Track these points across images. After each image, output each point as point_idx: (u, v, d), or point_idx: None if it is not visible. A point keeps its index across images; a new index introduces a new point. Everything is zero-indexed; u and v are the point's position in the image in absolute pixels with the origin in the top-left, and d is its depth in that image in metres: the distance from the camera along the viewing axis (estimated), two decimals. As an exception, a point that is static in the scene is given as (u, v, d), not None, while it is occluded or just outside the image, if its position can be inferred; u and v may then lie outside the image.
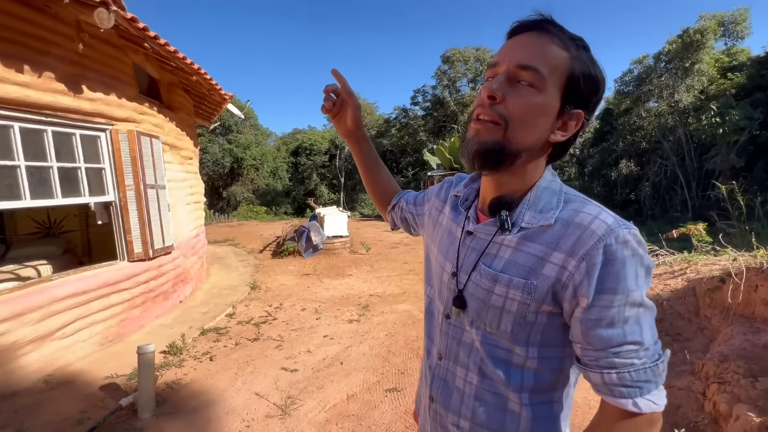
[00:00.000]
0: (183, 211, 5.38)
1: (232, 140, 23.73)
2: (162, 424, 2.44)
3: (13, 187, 3.05)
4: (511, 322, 0.65)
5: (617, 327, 0.58)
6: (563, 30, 0.64)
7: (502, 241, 0.68)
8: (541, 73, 0.60)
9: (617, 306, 0.57)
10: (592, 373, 0.61)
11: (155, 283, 4.30)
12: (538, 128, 0.63)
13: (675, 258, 4.97)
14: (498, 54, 0.65)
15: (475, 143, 0.64)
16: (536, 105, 0.62)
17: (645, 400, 0.58)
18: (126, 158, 3.92)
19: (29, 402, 2.67)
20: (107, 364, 3.21)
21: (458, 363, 0.74)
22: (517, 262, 0.65)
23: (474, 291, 0.70)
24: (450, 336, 0.75)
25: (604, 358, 0.59)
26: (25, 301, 2.96)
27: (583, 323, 0.60)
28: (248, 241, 9.78)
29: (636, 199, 17.87)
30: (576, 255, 0.59)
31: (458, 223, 0.79)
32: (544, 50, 0.61)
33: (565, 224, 0.62)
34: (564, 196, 0.67)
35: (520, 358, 0.67)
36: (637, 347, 0.58)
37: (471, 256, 0.72)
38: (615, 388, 0.59)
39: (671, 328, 3.45)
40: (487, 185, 0.73)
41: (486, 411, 0.70)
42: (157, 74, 4.98)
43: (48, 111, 3.18)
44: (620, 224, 0.60)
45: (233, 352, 3.51)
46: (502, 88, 0.62)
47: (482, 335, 0.69)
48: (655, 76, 16.27)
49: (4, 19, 2.84)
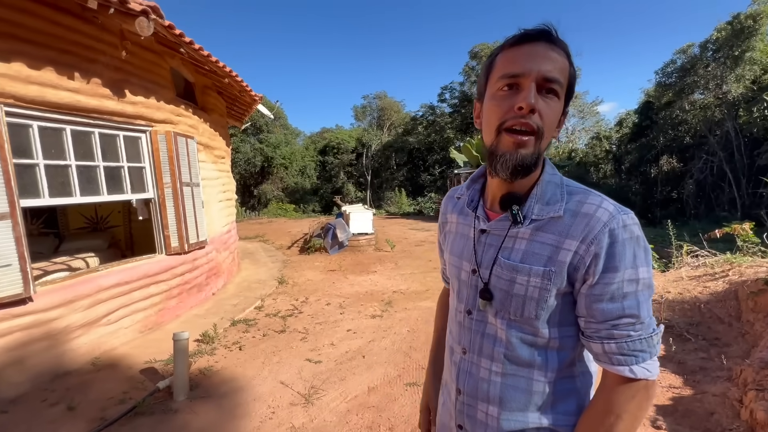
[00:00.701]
0: (215, 208, 5.65)
1: (263, 140, 24.46)
2: (195, 407, 2.60)
3: (65, 184, 3.33)
4: (534, 307, 0.70)
5: (617, 302, 0.66)
6: (562, 41, 0.69)
7: (516, 234, 0.74)
8: (562, 83, 0.67)
9: (617, 282, 0.65)
10: (594, 344, 0.69)
11: (190, 275, 4.55)
12: (554, 132, 0.71)
13: (717, 259, 4.69)
14: (515, 64, 0.67)
15: (519, 158, 0.68)
16: (558, 112, 0.69)
17: (640, 368, 0.65)
18: (164, 158, 4.17)
19: (78, 381, 2.92)
20: (147, 349, 3.45)
21: (482, 355, 0.78)
22: (534, 252, 0.71)
23: (497, 283, 0.75)
24: (473, 330, 0.80)
25: (604, 329, 0.67)
26: (76, 289, 3.23)
27: (587, 298, 0.68)
28: (277, 238, 10.09)
29: (678, 198, 16.90)
30: (586, 240, 0.66)
31: (469, 224, 0.84)
32: (560, 62, 0.67)
33: (573, 214, 0.69)
34: (566, 188, 0.74)
35: (543, 340, 0.73)
36: (634, 320, 0.65)
37: (489, 252, 0.77)
38: (614, 356, 0.67)
39: (709, 332, 3.28)
40: (497, 184, 0.77)
41: (513, 394, 0.75)
42: (192, 78, 5.25)
43: (95, 114, 3.44)
44: (620, 210, 0.67)
45: (261, 342, 3.67)
46: (537, 100, 0.66)
47: (507, 324, 0.74)
48: (701, 66, 15.26)
49: (58, 31, 3.09)
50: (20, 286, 2.80)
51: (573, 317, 0.72)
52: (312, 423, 2.41)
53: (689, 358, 2.97)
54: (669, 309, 3.81)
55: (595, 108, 24.09)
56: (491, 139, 0.70)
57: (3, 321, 2.73)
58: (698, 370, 2.78)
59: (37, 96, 2.95)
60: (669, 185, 17.48)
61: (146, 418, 2.48)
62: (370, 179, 25.69)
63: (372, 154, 25.69)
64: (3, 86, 2.73)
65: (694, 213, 15.50)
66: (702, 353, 3.02)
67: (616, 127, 22.01)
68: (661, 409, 2.38)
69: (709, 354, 2.98)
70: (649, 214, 17.01)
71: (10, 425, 2.41)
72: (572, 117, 24.17)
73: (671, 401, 2.45)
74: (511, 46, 0.69)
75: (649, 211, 17.50)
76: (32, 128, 3.03)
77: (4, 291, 2.71)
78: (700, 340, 3.21)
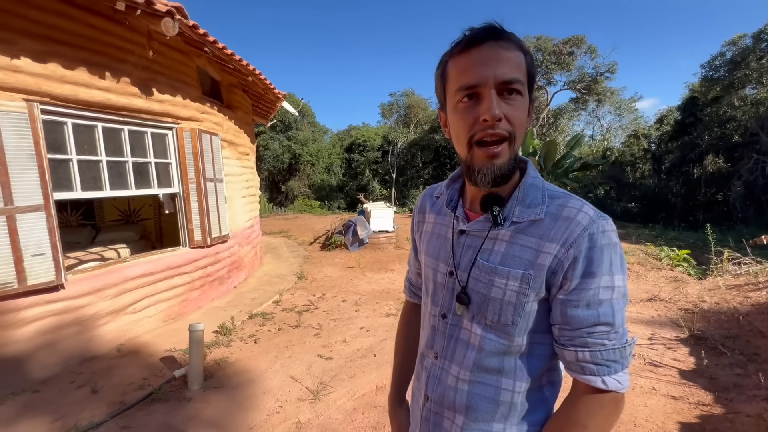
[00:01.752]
0: (239, 204, 5.80)
1: (291, 137, 24.94)
2: (207, 397, 2.68)
3: (96, 179, 3.51)
4: (511, 313, 0.68)
5: (592, 308, 0.64)
6: (510, 33, 0.66)
7: (496, 236, 0.72)
8: (522, 81, 0.65)
9: (593, 288, 0.64)
10: (567, 351, 0.67)
11: (212, 268, 4.70)
12: (526, 126, 0.69)
13: (761, 267, 4.33)
14: (468, 74, 0.64)
15: (497, 169, 0.66)
16: (525, 109, 0.67)
17: (611, 379, 0.64)
18: (189, 154, 4.32)
19: (104, 366, 3.08)
20: (168, 338, 3.59)
21: (453, 361, 0.76)
22: (513, 254, 0.69)
23: (475, 286, 0.72)
24: (447, 335, 0.77)
25: (578, 337, 0.65)
26: (104, 278, 3.40)
27: (563, 303, 0.66)
28: (300, 234, 10.26)
29: (724, 200, 15.78)
30: (565, 244, 0.65)
31: (447, 224, 0.81)
32: (513, 59, 0.64)
33: (554, 218, 0.68)
34: (547, 191, 0.72)
35: (516, 347, 0.70)
36: (608, 329, 0.64)
37: (467, 254, 0.75)
38: (586, 365, 0.65)
39: (747, 346, 3.02)
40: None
41: (480, 404, 0.72)
42: (218, 76, 5.40)
43: (124, 112, 3.60)
44: (599, 216, 0.66)
45: (275, 336, 3.74)
46: (500, 107, 0.63)
47: (482, 329, 0.71)
48: (754, 58, 14.15)
49: (91, 32, 3.26)
50: (53, 274, 2.98)
51: (547, 325, 0.70)
52: (317, 419, 2.42)
53: (723, 374, 2.75)
54: (703, 319, 3.55)
55: (633, 105, 22.86)
56: (464, 153, 0.69)
57: (37, 306, 2.92)
58: (732, 387, 2.57)
59: (70, 95, 3.11)
60: (714, 186, 16.36)
61: (161, 404, 2.58)
62: (395, 177, 25.64)
63: (398, 152, 25.60)
64: (39, 85, 2.90)
65: (742, 217, 14.42)
66: (738, 369, 2.79)
67: (656, 125, 20.84)
68: (687, 427, 2.22)
69: (746, 370, 2.75)
70: (691, 217, 16.00)
71: (40, 404, 2.57)
72: (608, 114, 23.11)
73: (699, 419, 2.27)
74: (459, 53, 0.66)
75: (690, 213, 16.46)
76: (66, 125, 3.21)
77: (38, 278, 2.89)
78: (737, 354, 2.97)
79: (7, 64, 2.73)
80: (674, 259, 5.71)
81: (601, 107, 22.44)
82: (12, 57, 2.76)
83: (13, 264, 2.77)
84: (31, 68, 2.85)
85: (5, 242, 2.75)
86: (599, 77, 20.87)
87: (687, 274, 5.14)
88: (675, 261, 5.67)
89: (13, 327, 2.80)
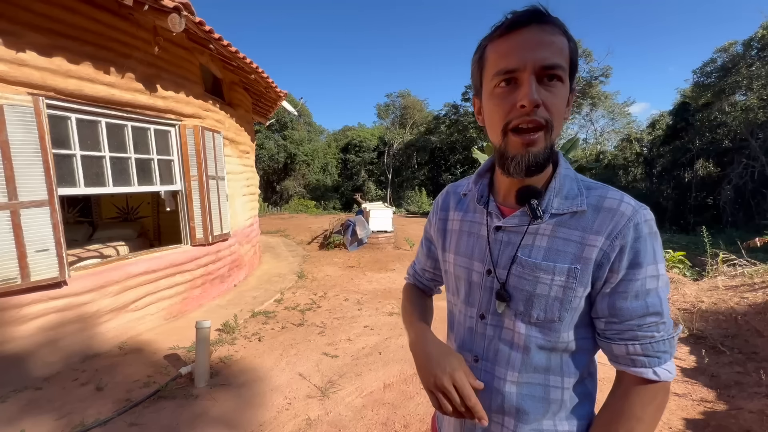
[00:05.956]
0: (239, 202, 5.77)
1: (286, 137, 24.85)
2: (214, 394, 2.67)
3: (99, 175, 3.47)
4: (558, 308, 0.66)
5: (640, 299, 0.63)
6: (555, 17, 0.63)
7: (536, 230, 0.69)
8: (564, 66, 0.62)
9: (641, 279, 0.63)
10: (616, 346, 0.66)
11: (213, 266, 4.67)
12: (565, 115, 0.66)
13: (756, 269, 4.42)
14: (508, 57, 0.61)
15: (532, 158, 0.63)
16: (565, 97, 0.65)
17: (663, 369, 0.64)
18: (191, 151, 4.29)
19: (107, 364, 3.04)
20: (171, 336, 3.56)
21: (497, 363, 0.73)
22: (557, 248, 0.67)
23: (517, 284, 0.69)
24: (488, 336, 0.74)
25: (628, 330, 0.64)
26: (106, 275, 3.36)
27: (610, 297, 0.65)
28: (298, 233, 10.23)
29: (714, 204, 16.07)
30: (611, 235, 0.63)
31: (479, 222, 0.78)
32: (557, 44, 0.61)
33: (596, 209, 0.66)
34: (582, 182, 0.70)
35: (562, 344, 0.69)
36: (657, 319, 0.63)
37: (506, 251, 0.71)
38: (637, 358, 0.64)
39: (746, 345, 3.09)
40: (510, 178, 0.71)
41: (531, 404, 0.70)
42: (220, 74, 5.37)
43: (128, 108, 3.57)
44: (641, 206, 0.65)
45: (279, 334, 3.72)
46: (539, 92, 0.60)
47: (526, 327, 0.69)
48: (744, 65, 14.47)
49: (96, 27, 3.22)
50: (56, 270, 2.94)
51: (589, 319, 0.70)
52: (327, 416, 2.43)
53: (723, 372, 2.81)
54: (702, 319, 3.62)
55: (626, 109, 23.19)
56: (498, 140, 0.66)
57: (40, 303, 2.88)
58: (733, 385, 2.62)
59: (75, 89, 3.08)
60: (704, 190, 16.66)
61: (168, 401, 2.56)
62: (390, 178, 25.69)
63: (393, 153, 25.66)
64: (45, 79, 2.87)
65: (732, 220, 14.70)
66: (738, 367, 2.85)
67: (648, 129, 21.14)
68: (692, 423, 2.26)
69: (746, 368, 2.81)
70: (682, 221, 16.27)
71: (44, 401, 2.53)
72: (601, 118, 23.39)
73: (702, 415, 2.32)
74: (500, 36, 0.63)
75: (681, 217, 16.74)
76: (70, 120, 3.17)
77: (41, 274, 2.85)
78: (736, 353, 3.03)
79: (12, 58, 2.69)
80: (670, 260, 5.80)
81: (595, 111, 22.72)
82: (18, 50, 2.72)
83: (17, 259, 2.73)
84: (37, 62, 2.82)
85: (9, 237, 2.71)
86: (594, 81, 21.14)
87: (683, 276, 5.23)
88: (671, 263, 5.76)
89: (15, 323, 2.76)
